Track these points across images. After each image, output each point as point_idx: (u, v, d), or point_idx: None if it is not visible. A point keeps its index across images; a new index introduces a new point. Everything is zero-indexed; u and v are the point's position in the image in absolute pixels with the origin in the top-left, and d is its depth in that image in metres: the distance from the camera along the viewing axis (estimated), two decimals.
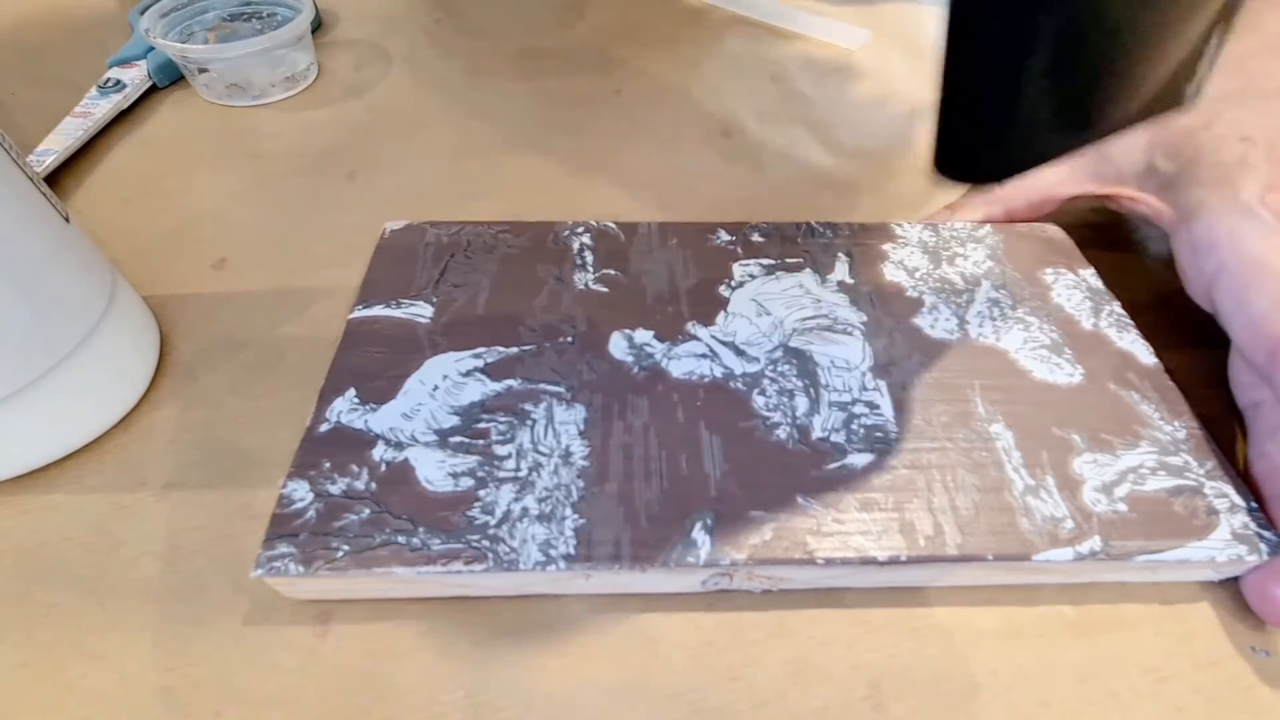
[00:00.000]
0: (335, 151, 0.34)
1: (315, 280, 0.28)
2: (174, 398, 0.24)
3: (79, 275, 0.22)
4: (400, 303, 0.24)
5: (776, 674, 0.18)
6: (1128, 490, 0.19)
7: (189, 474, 0.22)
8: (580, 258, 0.26)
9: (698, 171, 0.33)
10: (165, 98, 0.37)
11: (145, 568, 0.20)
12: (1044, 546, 0.18)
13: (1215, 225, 0.22)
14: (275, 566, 0.18)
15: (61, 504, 0.21)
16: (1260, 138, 0.23)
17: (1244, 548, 0.18)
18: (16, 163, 0.20)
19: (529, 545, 0.18)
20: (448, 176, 0.33)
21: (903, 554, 0.18)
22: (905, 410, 0.21)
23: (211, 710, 0.18)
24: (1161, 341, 0.24)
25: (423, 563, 0.18)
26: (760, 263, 0.26)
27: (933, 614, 0.19)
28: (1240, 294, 0.21)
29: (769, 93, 0.38)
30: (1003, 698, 0.18)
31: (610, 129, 0.36)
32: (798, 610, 0.19)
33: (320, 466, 0.20)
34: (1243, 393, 0.22)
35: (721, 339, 0.23)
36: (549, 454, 0.20)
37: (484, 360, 0.22)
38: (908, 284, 0.25)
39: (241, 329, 0.26)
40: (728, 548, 0.18)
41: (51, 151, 0.32)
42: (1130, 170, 0.25)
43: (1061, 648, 0.19)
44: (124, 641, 0.19)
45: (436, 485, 0.19)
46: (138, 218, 0.30)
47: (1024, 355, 0.23)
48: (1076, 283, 0.25)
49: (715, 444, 0.20)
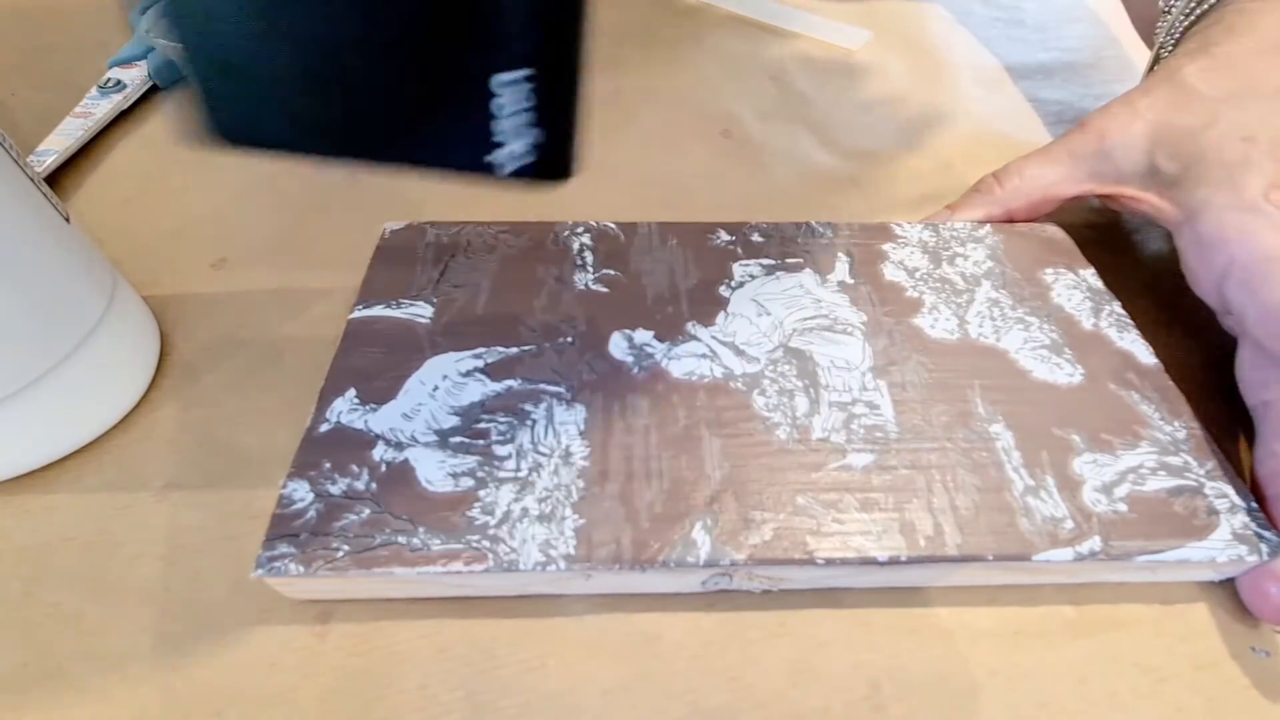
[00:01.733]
0: None
1: (315, 280, 0.28)
2: (174, 398, 0.24)
3: (79, 275, 0.22)
4: (400, 303, 0.24)
5: (776, 674, 0.18)
6: (1128, 490, 0.19)
7: (189, 474, 0.22)
8: (580, 258, 0.26)
9: (698, 171, 0.33)
10: (165, 98, 0.37)
11: (145, 568, 0.20)
12: (1044, 546, 0.18)
13: (1223, 221, 0.22)
14: (275, 566, 0.18)
15: (61, 504, 0.21)
16: (1262, 137, 0.23)
17: (1244, 548, 0.18)
18: (17, 163, 0.20)
19: (529, 545, 0.18)
20: (448, 176, 0.33)
21: (903, 554, 0.18)
22: (905, 410, 0.21)
23: (211, 710, 0.18)
24: (1162, 342, 0.24)
25: (423, 563, 0.18)
26: (760, 263, 0.26)
27: (933, 614, 0.19)
28: (1255, 287, 0.21)
29: (769, 93, 0.38)
30: (1003, 698, 0.18)
31: (610, 129, 0.36)
32: (798, 610, 0.19)
33: (320, 466, 0.20)
34: (1251, 392, 0.22)
35: (721, 339, 0.23)
36: (549, 454, 0.20)
37: (484, 360, 0.22)
38: (908, 284, 0.25)
39: (241, 329, 0.26)
40: (728, 548, 0.18)
41: (52, 151, 0.32)
42: (1131, 170, 0.25)
43: (1061, 648, 0.19)
44: (124, 641, 0.19)
45: (437, 485, 0.19)
46: (138, 218, 0.30)
47: (1024, 355, 0.23)
48: (1076, 283, 0.25)
49: (715, 444, 0.20)
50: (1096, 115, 0.26)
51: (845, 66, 0.40)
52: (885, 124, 0.36)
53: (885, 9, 0.45)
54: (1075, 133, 0.27)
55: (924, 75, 0.39)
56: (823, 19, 0.43)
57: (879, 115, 0.37)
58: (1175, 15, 0.29)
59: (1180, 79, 0.25)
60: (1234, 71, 0.24)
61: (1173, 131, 0.24)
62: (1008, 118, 0.36)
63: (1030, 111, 0.37)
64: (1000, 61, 0.41)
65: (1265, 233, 0.21)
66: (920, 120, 0.36)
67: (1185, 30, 0.28)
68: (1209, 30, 0.26)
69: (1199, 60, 0.25)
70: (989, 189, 0.28)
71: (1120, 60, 0.41)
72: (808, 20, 0.42)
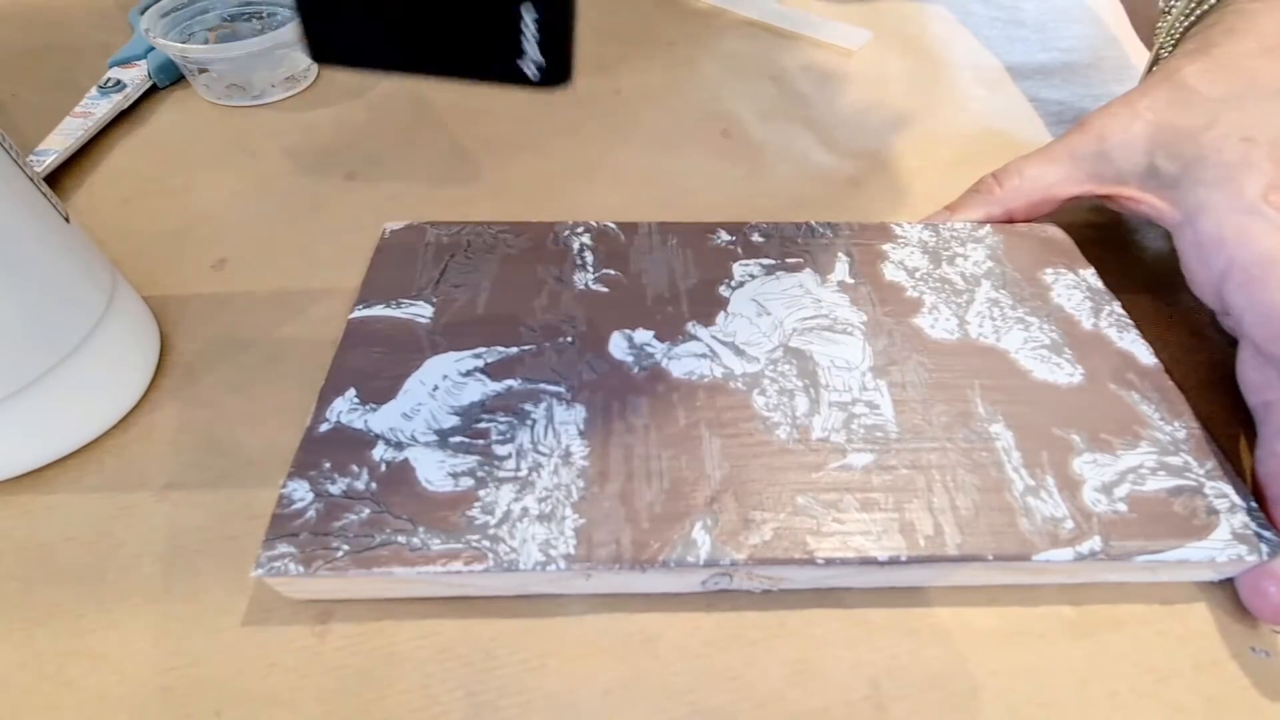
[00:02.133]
0: (335, 151, 0.34)
1: (315, 280, 0.28)
2: (174, 398, 0.24)
3: (79, 275, 0.22)
4: (400, 303, 0.24)
5: (776, 674, 0.18)
6: (1128, 490, 0.19)
7: (189, 474, 0.22)
8: (580, 258, 0.26)
9: (698, 171, 0.33)
10: (165, 98, 0.37)
11: (145, 568, 0.20)
12: (1044, 546, 0.18)
13: (1222, 223, 0.22)
14: (275, 566, 0.18)
15: (61, 504, 0.21)
16: (1262, 138, 0.23)
17: (1244, 548, 0.18)
18: (17, 163, 0.20)
19: (529, 545, 0.18)
20: (448, 176, 0.33)
21: (903, 554, 0.18)
22: (905, 410, 0.21)
23: (211, 710, 0.18)
24: (1162, 342, 0.24)
25: (423, 563, 0.18)
26: (760, 263, 0.26)
27: (933, 614, 0.19)
28: (1253, 289, 0.21)
29: (769, 93, 0.38)
30: (1003, 698, 0.18)
31: (610, 129, 0.36)
32: (798, 610, 0.19)
33: (320, 466, 0.20)
34: (1253, 392, 0.22)
35: (721, 339, 0.23)
36: (549, 454, 0.20)
37: (484, 360, 0.22)
38: (908, 284, 0.25)
39: (241, 329, 0.26)
40: (728, 548, 0.18)
41: (51, 151, 0.32)
42: (1131, 170, 0.25)
43: (1061, 648, 0.19)
44: (124, 641, 0.19)
45: (436, 485, 0.19)
46: (138, 218, 0.30)
47: (1024, 355, 0.23)
48: (1076, 283, 0.25)
49: (715, 444, 0.20)
50: (1096, 115, 0.26)
51: (845, 66, 0.40)
52: (885, 124, 0.36)
53: (885, 9, 0.45)
54: (1075, 133, 0.27)
55: (924, 75, 0.39)
56: (823, 19, 0.43)
57: (879, 115, 0.37)
58: (1175, 15, 0.29)
59: (1180, 79, 0.25)
60: (1234, 72, 0.24)
61: (1172, 132, 0.24)
62: (1008, 118, 0.36)
63: (1030, 111, 0.37)
64: (1000, 61, 0.41)
65: (1264, 234, 0.21)
66: (920, 120, 0.36)
67: (1185, 30, 0.28)
68: (1209, 31, 0.26)
69: (1199, 61, 0.25)
70: (989, 189, 0.28)
71: (1120, 60, 0.41)
72: (808, 20, 0.42)
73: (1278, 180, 0.22)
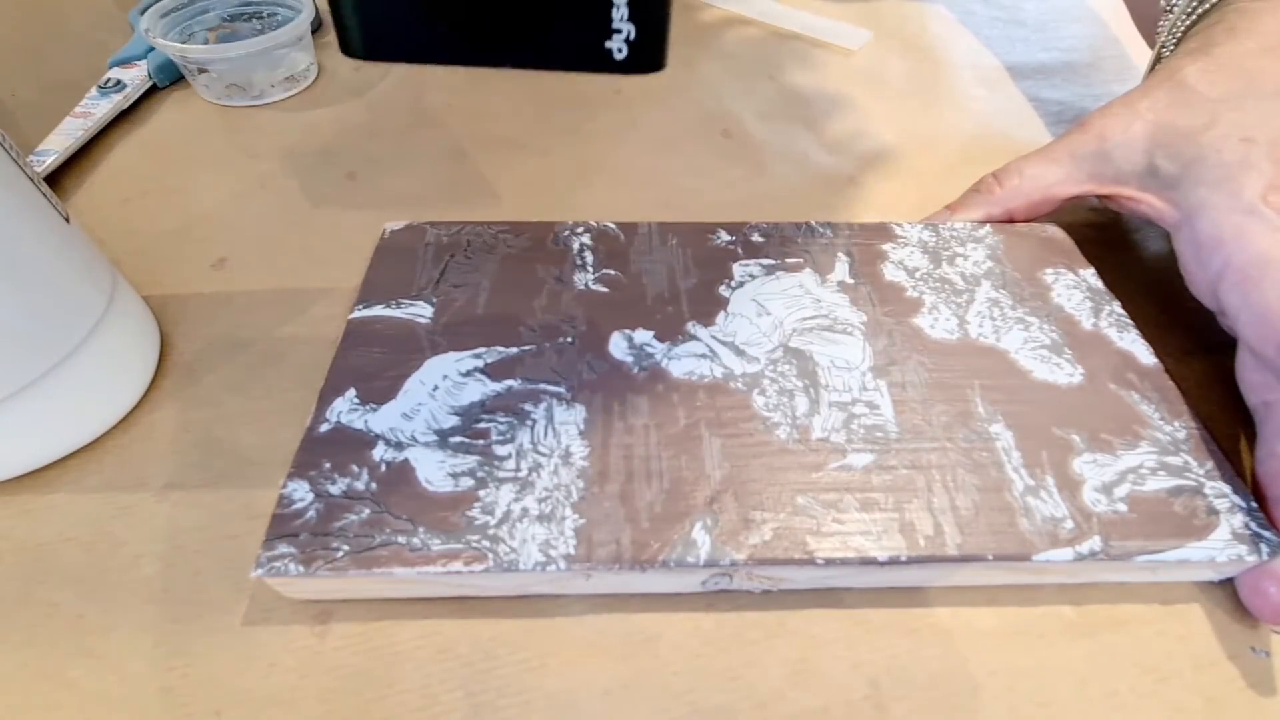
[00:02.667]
0: (335, 151, 0.34)
1: (315, 280, 0.28)
2: (174, 398, 0.24)
3: (79, 275, 0.22)
4: (400, 303, 0.24)
5: (776, 674, 0.18)
6: (1128, 490, 0.19)
7: (189, 474, 0.22)
8: (580, 258, 0.26)
9: (698, 171, 0.33)
10: (165, 98, 0.37)
11: (145, 568, 0.20)
12: (1044, 546, 0.18)
13: (1220, 223, 0.22)
14: (275, 566, 0.18)
15: (61, 504, 0.21)
16: (1262, 138, 0.23)
17: (1244, 548, 0.18)
18: (16, 163, 0.20)
19: (529, 545, 0.18)
20: (448, 176, 0.33)
21: (903, 554, 0.18)
22: (905, 410, 0.21)
23: (211, 710, 0.18)
24: (1161, 341, 0.24)
25: (423, 563, 0.18)
26: (760, 263, 0.26)
27: (933, 614, 0.19)
28: (1248, 289, 0.21)
29: (769, 93, 0.38)
30: (1003, 698, 0.18)
31: (610, 129, 0.36)
32: (798, 610, 0.19)
33: (320, 466, 0.20)
34: (1252, 393, 0.22)
35: (721, 339, 0.23)
36: (549, 454, 0.20)
37: (484, 360, 0.22)
38: (908, 284, 0.25)
39: (241, 329, 0.26)
40: (728, 548, 0.18)
41: (51, 151, 0.32)
42: (1130, 170, 0.25)
43: (1061, 648, 0.19)
44: (124, 641, 0.19)
45: (436, 485, 0.19)
46: (138, 218, 0.30)
47: (1024, 355, 0.23)
48: (1076, 283, 0.25)
49: (715, 444, 0.20)
50: (1096, 115, 0.26)
51: (845, 66, 0.40)
52: (885, 124, 0.36)
53: (885, 9, 0.45)
54: (1075, 133, 0.27)
55: (924, 75, 0.39)
56: (823, 19, 0.43)
57: (879, 115, 0.37)
58: (1176, 15, 0.29)
59: (1180, 79, 0.25)
60: (1234, 72, 0.24)
61: (1172, 132, 0.24)
62: (1008, 118, 0.36)
63: (1030, 111, 0.37)
64: (1000, 61, 0.41)
65: (1261, 235, 0.21)
66: (920, 120, 0.36)
67: (1186, 30, 0.28)
68: (1210, 30, 0.26)
69: (1199, 60, 0.25)
70: (989, 189, 0.28)
71: (1120, 60, 0.41)
72: (808, 21, 0.42)
73: (1277, 180, 0.22)
